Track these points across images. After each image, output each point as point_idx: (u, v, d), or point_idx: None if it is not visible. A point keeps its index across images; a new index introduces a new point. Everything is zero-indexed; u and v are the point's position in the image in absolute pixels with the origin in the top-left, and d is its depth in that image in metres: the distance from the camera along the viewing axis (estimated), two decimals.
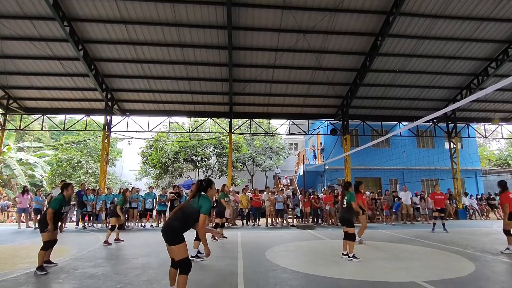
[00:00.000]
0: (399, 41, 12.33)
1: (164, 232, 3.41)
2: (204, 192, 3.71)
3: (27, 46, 11.92)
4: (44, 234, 5.08)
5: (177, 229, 3.41)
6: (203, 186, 3.75)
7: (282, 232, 10.51)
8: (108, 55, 12.57)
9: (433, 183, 18.60)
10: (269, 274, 4.90)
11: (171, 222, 3.47)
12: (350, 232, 5.86)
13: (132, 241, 8.32)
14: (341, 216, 6.30)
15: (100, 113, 15.42)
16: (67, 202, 5.61)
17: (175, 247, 3.35)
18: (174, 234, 3.38)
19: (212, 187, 3.81)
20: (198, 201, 3.53)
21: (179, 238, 3.38)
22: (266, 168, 24.37)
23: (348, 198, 6.18)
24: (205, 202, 3.52)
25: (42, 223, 5.21)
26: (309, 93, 14.98)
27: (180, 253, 3.36)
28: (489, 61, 13.55)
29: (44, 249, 5.03)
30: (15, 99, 14.77)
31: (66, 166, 22.18)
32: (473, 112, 17.31)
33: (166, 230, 3.41)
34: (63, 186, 5.54)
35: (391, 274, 4.88)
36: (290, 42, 12.01)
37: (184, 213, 3.51)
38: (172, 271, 3.59)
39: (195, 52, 12.51)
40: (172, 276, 3.60)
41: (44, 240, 5.08)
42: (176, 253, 3.36)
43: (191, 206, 3.53)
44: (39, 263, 4.91)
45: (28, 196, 12.31)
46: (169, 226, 3.43)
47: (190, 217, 3.49)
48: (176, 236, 3.38)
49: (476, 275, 4.79)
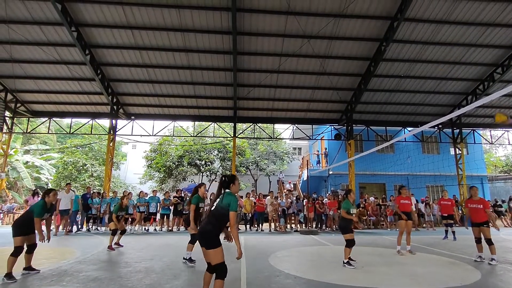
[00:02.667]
0: (404, 46, 12.32)
1: (200, 236, 3.41)
2: (227, 188, 3.59)
3: (35, 51, 12.13)
4: (17, 238, 4.74)
5: (212, 233, 3.37)
6: (226, 183, 3.61)
7: (285, 237, 10.46)
8: (114, 59, 12.73)
9: (438, 189, 18.44)
10: (272, 279, 4.88)
11: (205, 226, 3.44)
12: (346, 238, 5.83)
13: (135, 245, 8.33)
14: (339, 224, 6.22)
15: (105, 117, 15.57)
16: (49, 209, 5.21)
17: (212, 251, 3.32)
18: (210, 238, 3.35)
19: (235, 183, 3.64)
20: (223, 199, 3.46)
21: (215, 242, 3.34)
22: (269, 172, 24.34)
23: (342, 206, 6.10)
24: (232, 199, 3.43)
25: (18, 228, 4.84)
26: (313, 98, 15.00)
27: (217, 257, 3.32)
28: (495, 67, 13.47)
29: (14, 255, 4.69)
30: (22, 102, 14.99)
31: (71, 169, 22.36)
32: (479, 117, 17.16)
33: (202, 235, 3.40)
34: (45, 192, 5.20)
35: (394, 281, 4.83)
36: (295, 47, 12.07)
37: (215, 216, 3.44)
38: (207, 275, 3.50)
39: (200, 57, 12.63)
40: (207, 280, 3.51)
41: (16, 245, 4.74)
42: (213, 257, 3.32)
43: (219, 207, 3.45)
44: (8, 269, 4.60)
45: (38, 198, 12.28)
46: (204, 231, 3.41)
47: (222, 218, 3.43)
48: (212, 239, 3.34)
49: (482, 283, 4.72)
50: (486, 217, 6.32)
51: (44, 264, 5.75)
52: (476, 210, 6.44)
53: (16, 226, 4.91)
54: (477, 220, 6.41)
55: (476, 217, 6.44)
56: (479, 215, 6.39)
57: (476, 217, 6.43)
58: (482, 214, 6.35)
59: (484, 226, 6.30)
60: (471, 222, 6.60)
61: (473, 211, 6.50)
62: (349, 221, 5.94)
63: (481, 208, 6.38)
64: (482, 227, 6.31)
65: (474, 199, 6.57)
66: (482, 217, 6.34)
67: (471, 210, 6.54)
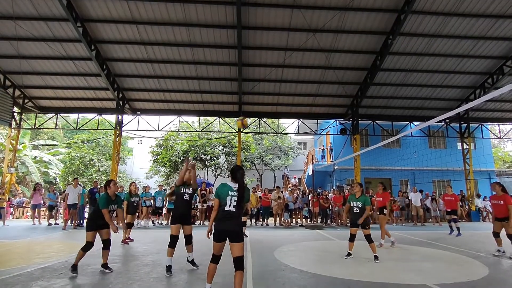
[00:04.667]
0: (411, 39, 12.14)
1: (232, 231, 3.53)
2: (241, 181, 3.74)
3: (42, 47, 12.22)
4: (88, 233, 4.73)
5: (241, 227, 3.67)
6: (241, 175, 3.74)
7: (290, 232, 10.50)
8: (119, 55, 12.77)
9: (445, 184, 18.29)
10: (278, 273, 4.91)
11: (237, 221, 3.61)
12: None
13: (142, 239, 8.44)
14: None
15: (111, 112, 15.68)
16: (114, 201, 5.10)
17: (241, 244, 3.52)
18: (241, 231, 3.61)
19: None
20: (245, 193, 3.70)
21: (243, 235, 3.66)
22: (275, 167, 24.35)
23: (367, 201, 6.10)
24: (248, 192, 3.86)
25: (87, 222, 4.89)
26: (318, 93, 14.90)
27: (242, 250, 3.52)
28: (505, 60, 13.21)
29: (83, 249, 4.71)
30: (30, 98, 15.15)
31: (78, 164, 22.64)
32: (487, 112, 16.90)
33: (236, 229, 3.55)
34: (106, 184, 5.17)
35: (401, 276, 4.83)
36: (300, 41, 11.97)
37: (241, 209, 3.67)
38: (213, 267, 3.61)
39: (205, 51, 12.60)
40: (212, 272, 3.61)
41: (87, 240, 4.74)
42: (239, 250, 3.48)
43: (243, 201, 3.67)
44: (75, 261, 4.67)
45: (40, 192, 12.55)
46: (237, 225, 3.59)
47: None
48: (242, 233, 3.66)
49: (489, 279, 4.69)
50: (507, 213, 6.43)
51: (53, 257, 5.86)
52: (497, 205, 6.68)
53: (87, 221, 4.97)
54: (499, 216, 6.63)
55: (498, 212, 6.68)
56: (501, 211, 6.57)
57: (498, 212, 6.66)
58: (504, 210, 6.49)
59: (505, 222, 6.45)
60: (494, 217, 6.86)
61: (495, 207, 6.81)
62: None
63: (503, 204, 6.52)
64: (504, 222, 6.48)
65: (497, 195, 6.72)
66: (504, 213, 6.49)
67: (493, 205, 6.88)
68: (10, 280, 4.34)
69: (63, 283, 4.24)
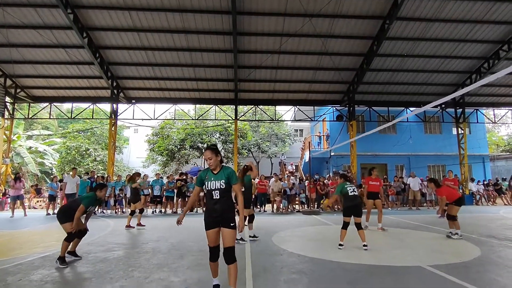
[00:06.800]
0: (408, 24, 12.02)
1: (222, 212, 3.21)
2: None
3: (32, 34, 11.92)
4: (66, 225, 4.77)
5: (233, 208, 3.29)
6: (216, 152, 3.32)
7: (287, 218, 10.65)
8: (112, 42, 12.51)
9: (440, 169, 18.54)
10: (276, 258, 5.01)
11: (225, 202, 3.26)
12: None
13: (141, 227, 8.51)
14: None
15: (106, 101, 15.48)
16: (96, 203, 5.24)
17: (232, 231, 3.21)
18: (232, 214, 3.25)
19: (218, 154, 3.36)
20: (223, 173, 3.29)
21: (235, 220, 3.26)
22: (271, 154, 24.45)
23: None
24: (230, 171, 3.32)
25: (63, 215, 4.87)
26: (315, 79, 14.81)
27: (233, 238, 3.24)
28: (501, 44, 13.17)
29: (66, 239, 4.73)
30: (22, 88, 14.90)
31: (74, 154, 22.54)
32: (483, 96, 16.96)
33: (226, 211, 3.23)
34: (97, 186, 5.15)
35: (396, 258, 4.95)
36: (296, 27, 11.79)
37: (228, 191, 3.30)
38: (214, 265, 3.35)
39: (200, 38, 12.38)
40: (215, 269, 3.37)
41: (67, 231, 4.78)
42: (231, 238, 3.20)
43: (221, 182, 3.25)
44: (61, 253, 4.65)
45: (20, 183, 11.77)
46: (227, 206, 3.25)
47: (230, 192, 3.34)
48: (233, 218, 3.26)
49: (481, 259, 4.83)
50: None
51: (53, 246, 5.91)
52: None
53: (62, 213, 4.92)
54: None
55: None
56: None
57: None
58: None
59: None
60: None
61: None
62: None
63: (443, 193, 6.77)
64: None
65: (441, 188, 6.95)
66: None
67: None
68: (11, 269, 4.38)
69: (64, 272, 4.30)
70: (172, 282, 3.84)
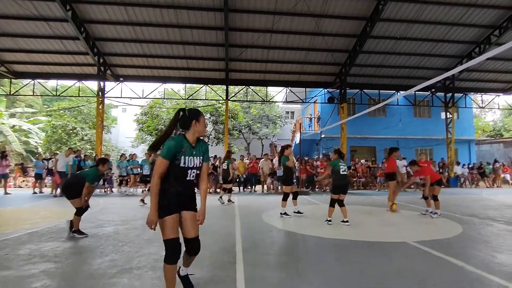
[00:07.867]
0: (402, 5, 11.86)
1: (189, 196, 2.61)
2: (187, 128, 2.53)
3: (10, 5, 11.20)
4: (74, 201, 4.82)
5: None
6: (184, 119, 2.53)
7: (277, 198, 10.71)
8: (98, 16, 11.96)
9: (427, 152, 18.92)
10: (266, 234, 5.08)
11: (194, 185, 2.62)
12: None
13: (130, 205, 8.50)
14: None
15: (92, 79, 14.98)
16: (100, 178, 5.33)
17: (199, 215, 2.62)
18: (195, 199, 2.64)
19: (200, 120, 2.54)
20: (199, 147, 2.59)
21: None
22: (262, 136, 24.46)
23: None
24: (207, 146, 2.68)
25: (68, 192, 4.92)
26: (307, 60, 14.63)
27: (198, 228, 2.63)
28: (493, 29, 13.20)
29: (77, 214, 4.84)
30: (2, 62, 14.22)
31: (61, 133, 22.00)
32: (472, 82, 17.16)
33: (192, 194, 2.62)
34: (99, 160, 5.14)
35: (383, 235, 5.09)
36: (289, 5, 11.48)
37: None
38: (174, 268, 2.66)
39: (189, 14, 11.95)
40: (174, 273, 2.72)
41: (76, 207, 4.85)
42: (197, 225, 2.63)
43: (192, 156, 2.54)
44: (75, 227, 4.81)
45: (6, 161, 11.58)
46: (193, 189, 2.61)
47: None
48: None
49: (463, 236, 5.02)
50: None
51: (40, 223, 5.83)
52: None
53: (68, 189, 4.94)
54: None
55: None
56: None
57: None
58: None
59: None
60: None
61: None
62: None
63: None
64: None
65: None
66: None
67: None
68: None
69: (52, 246, 4.26)
70: (162, 256, 3.81)
